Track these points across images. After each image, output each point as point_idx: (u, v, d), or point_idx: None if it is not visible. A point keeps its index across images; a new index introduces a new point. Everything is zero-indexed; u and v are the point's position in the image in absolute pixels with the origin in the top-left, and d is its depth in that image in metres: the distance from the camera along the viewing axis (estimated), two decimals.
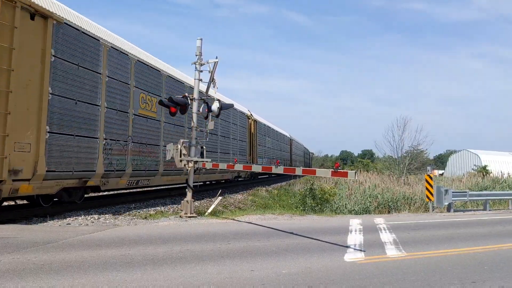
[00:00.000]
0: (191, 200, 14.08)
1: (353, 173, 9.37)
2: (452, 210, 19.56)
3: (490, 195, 21.88)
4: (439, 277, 7.12)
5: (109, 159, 14.11)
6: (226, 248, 8.86)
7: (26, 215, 12.29)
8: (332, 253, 8.84)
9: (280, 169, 11.82)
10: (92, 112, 13.33)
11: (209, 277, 6.61)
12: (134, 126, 15.62)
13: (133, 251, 8.19)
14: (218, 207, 16.62)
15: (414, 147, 41.12)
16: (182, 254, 8.16)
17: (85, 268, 6.82)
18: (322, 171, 11.11)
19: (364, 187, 24.88)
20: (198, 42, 14.68)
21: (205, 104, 14.91)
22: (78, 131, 12.68)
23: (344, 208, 20.61)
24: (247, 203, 21.30)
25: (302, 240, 10.16)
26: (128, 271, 6.73)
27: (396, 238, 10.76)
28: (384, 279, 6.91)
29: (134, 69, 15.67)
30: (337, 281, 6.66)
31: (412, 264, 8.10)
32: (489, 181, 31.67)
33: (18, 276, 6.22)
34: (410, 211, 20.29)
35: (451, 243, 10.46)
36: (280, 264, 7.61)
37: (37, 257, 7.39)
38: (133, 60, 15.58)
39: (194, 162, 14.33)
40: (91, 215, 13.02)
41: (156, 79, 17.39)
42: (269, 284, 6.36)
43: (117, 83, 14.64)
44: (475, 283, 6.82)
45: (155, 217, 13.52)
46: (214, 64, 14.56)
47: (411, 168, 40.05)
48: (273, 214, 15.42)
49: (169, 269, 7.02)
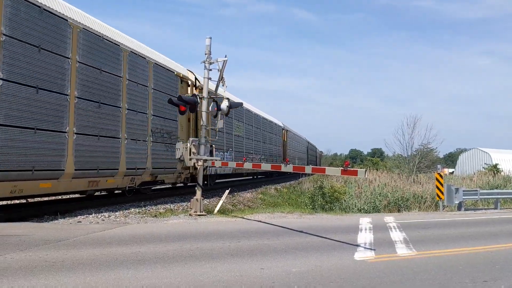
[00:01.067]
0: (201, 199, 14.11)
1: (363, 172, 9.33)
2: (462, 209, 19.42)
3: (501, 194, 21.70)
4: (450, 276, 7.08)
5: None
6: (236, 247, 8.88)
7: (37, 214, 12.40)
8: (342, 251, 8.81)
9: (289, 168, 11.82)
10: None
11: (219, 275, 6.62)
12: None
13: (143, 249, 8.23)
14: (227, 205, 16.66)
15: (424, 145, 40.97)
16: (192, 252, 8.19)
17: (96, 266, 6.87)
18: (331, 170, 11.08)
19: (373, 185, 24.78)
20: (207, 41, 14.69)
21: (214, 102, 14.94)
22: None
23: (354, 207, 20.54)
24: (256, 202, 21.32)
25: (311, 239, 10.15)
26: (139, 269, 6.76)
27: (406, 237, 10.71)
28: (395, 278, 6.88)
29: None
30: (347, 280, 6.64)
31: (423, 263, 8.06)
32: (500, 180, 31.41)
33: (30, 273, 6.27)
34: (420, 209, 20.19)
35: (462, 242, 10.38)
36: (290, 262, 7.61)
37: (49, 255, 7.46)
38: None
39: (204, 160, 14.37)
40: (102, 213, 13.11)
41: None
42: (279, 282, 6.36)
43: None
44: (487, 282, 6.77)
45: (164, 215, 13.58)
46: (223, 62, 14.58)
47: (421, 167, 39.87)
48: (282, 213, 15.42)
49: (180, 267, 7.04)
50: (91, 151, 12.90)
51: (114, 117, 13.96)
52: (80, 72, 12.43)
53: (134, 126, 15.02)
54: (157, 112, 16.56)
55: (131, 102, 14.89)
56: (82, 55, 12.53)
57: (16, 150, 10.39)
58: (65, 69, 11.88)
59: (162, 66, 17.04)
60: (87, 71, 12.76)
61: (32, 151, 10.80)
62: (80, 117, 12.43)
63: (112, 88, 13.92)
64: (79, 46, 12.45)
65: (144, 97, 15.78)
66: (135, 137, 14.98)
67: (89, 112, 12.85)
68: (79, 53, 12.43)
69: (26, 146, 10.64)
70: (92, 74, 12.99)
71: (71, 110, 12.06)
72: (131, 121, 14.83)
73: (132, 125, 14.89)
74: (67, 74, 11.94)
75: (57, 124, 11.59)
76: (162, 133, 16.90)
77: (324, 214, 16.66)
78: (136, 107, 15.19)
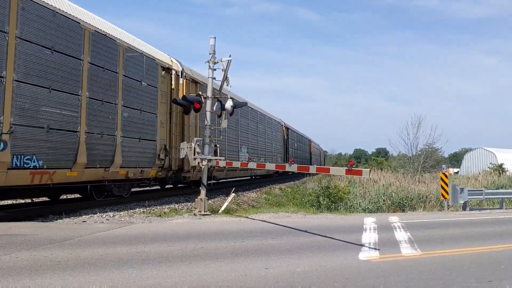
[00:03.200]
0: (205, 198, 14.13)
1: (367, 172, 9.33)
2: (467, 209, 19.35)
3: (506, 194, 21.57)
4: (455, 276, 7.06)
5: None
6: (240, 246, 8.89)
7: (42, 213, 12.44)
8: (346, 251, 8.81)
9: (294, 167, 11.82)
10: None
11: (224, 274, 6.63)
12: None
13: (148, 249, 8.25)
14: (231, 205, 16.67)
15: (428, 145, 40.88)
16: (197, 251, 8.20)
17: (100, 265, 6.89)
18: (336, 169, 11.06)
19: (378, 185, 24.73)
20: (212, 41, 14.70)
21: (218, 102, 14.96)
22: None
23: (358, 207, 20.51)
24: (260, 201, 21.32)
25: (316, 239, 10.14)
26: (144, 268, 6.78)
27: (411, 237, 10.69)
28: (399, 278, 6.87)
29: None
30: (352, 280, 6.64)
31: (428, 263, 8.04)
32: (506, 179, 31.32)
33: (35, 273, 6.30)
34: (425, 209, 20.14)
35: (467, 242, 10.35)
36: (295, 262, 7.61)
37: (54, 254, 7.48)
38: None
39: (208, 160, 14.39)
40: (106, 212, 13.14)
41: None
42: (283, 282, 6.36)
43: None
44: (492, 282, 6.75)
45: (169, 214, 13.60)
46: (228, 62, 14.60)
47: (425, 166, 39.76)
48: (287, 213, 15.41)
49: (184, 266, 7.06)
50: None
51: (70, 106, 11.96)
52: (19, 50, 10.39)
53: (99, 117, 13.10)
54: (129, 103, 14.41)
55: (95, 89, 12.81)
56: (21, 30, 10.40)
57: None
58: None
59: (135, 50, 14.90)
60: (29, 49, 10.65)
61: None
62: (18, 103, 10.39)
63: (67, 71, 11.81)
64: (19, 19, 10.33)
65: (111, 85, 13.56)
66: (100, 131, 13.13)
67: (31, 99, 10.78)
68: (19, 27, 10.34)
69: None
70: (38, 53, 10.90)
71: (7, 95, 10.08)
72: (94, 112, 12.76)
73: (96, 116, 12.97)
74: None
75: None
76: (135, 127, 14.78)
77: (329, 214, 16.65)
78: (100, 95, 13.07)
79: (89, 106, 12.61)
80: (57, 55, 11.51)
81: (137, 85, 14.92)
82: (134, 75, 14.76)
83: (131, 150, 14.59)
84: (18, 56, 10.41)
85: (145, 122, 15.39)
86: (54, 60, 11.42)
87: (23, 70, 10.55)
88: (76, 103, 12.17)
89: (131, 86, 14.59)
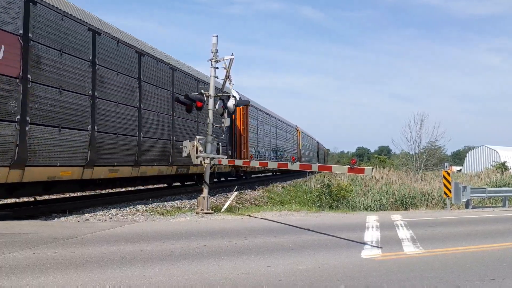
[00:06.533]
0: (207, 197, 14.15)
1: (370, 170, 9.32)
2: (470, 207, 19.30)
3: (509, 192, 21.47)
4: (457, 274, 7.05)
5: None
6: (243, 244, 8.90)
7: (45, 212, 12.48)
8: (349, 249, 8.81)
9: (296, 166, 11.81)
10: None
11: (226, 273, 6.64)
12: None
13: (150, 247, 8.27)
14: (234, 203, 16.68)
15: (431, 143, 40.81)
16: (199, 250, 8.21)
17: (103, 264, 6.91)
18: (338, 168, 11.07)
19: (380, 183, 24.71)
20: (214, 39, 14.67)
21: (220, 100, 14.95)
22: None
23: (361, 205, 20.50)
24: (263, 200, 21.32)
25: (318, 237, 10.15)
26: (146, 267, 6.79)
27: (413, 235, 10.68)
28: (402, 276, 6.87)
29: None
30: (354, 278, 6.64)
31: (430, 261, 8.03)
32: (508, 177, 31.21)
33: (38, 271, 6.32)
34: (427, 207, 20.11)
35: (469, 240, 10.34)
36: (297, 260, 7.61)
37: (57, 252, 7.51)
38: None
39: (210, 158, 14.40)
40: (109, 211, 13.17)
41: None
42: (285, 280, 6.37)
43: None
44: (494, 280, 6.75)
45: (172, 213, 13.62)
46: (230, 60, 14.58)
47: (428, 165, 39.71)
48: (289, 211, 15.40)
49: (187, 264, 7.07)
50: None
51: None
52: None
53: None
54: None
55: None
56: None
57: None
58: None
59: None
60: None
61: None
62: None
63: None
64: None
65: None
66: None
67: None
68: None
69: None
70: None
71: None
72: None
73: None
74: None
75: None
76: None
77: (331, 212, 16.64)
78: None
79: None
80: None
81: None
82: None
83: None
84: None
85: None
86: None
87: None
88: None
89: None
